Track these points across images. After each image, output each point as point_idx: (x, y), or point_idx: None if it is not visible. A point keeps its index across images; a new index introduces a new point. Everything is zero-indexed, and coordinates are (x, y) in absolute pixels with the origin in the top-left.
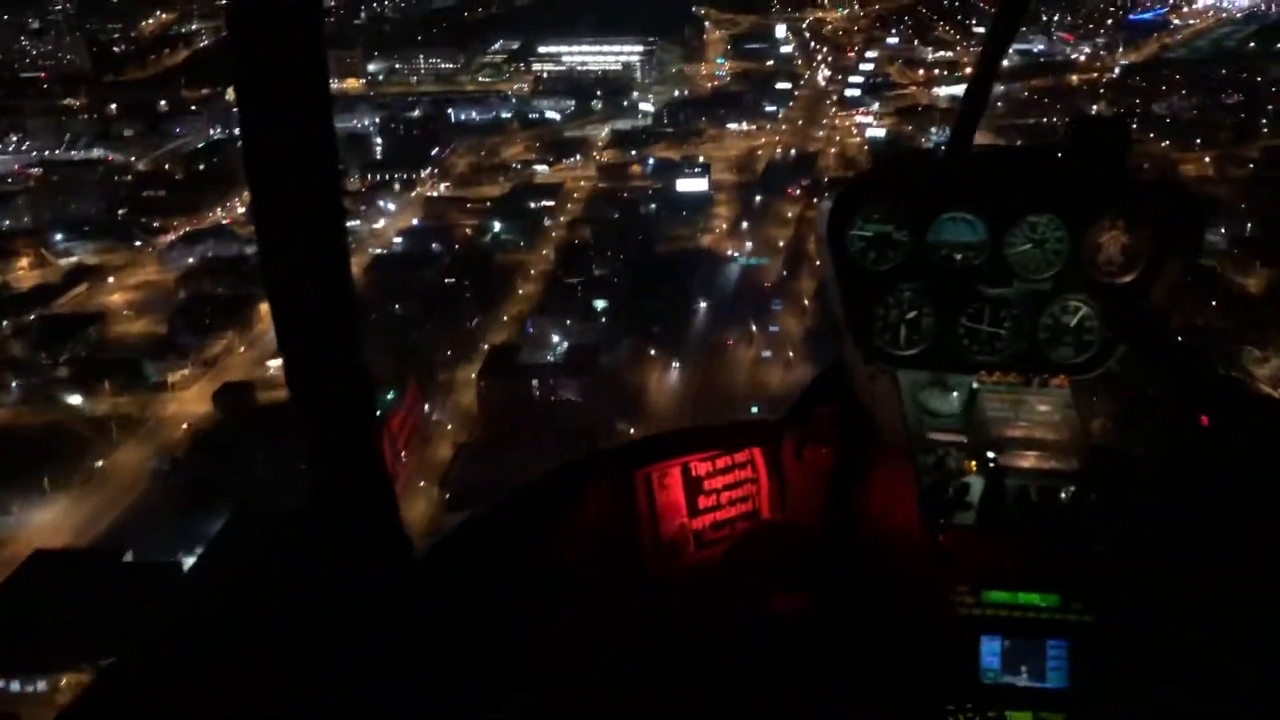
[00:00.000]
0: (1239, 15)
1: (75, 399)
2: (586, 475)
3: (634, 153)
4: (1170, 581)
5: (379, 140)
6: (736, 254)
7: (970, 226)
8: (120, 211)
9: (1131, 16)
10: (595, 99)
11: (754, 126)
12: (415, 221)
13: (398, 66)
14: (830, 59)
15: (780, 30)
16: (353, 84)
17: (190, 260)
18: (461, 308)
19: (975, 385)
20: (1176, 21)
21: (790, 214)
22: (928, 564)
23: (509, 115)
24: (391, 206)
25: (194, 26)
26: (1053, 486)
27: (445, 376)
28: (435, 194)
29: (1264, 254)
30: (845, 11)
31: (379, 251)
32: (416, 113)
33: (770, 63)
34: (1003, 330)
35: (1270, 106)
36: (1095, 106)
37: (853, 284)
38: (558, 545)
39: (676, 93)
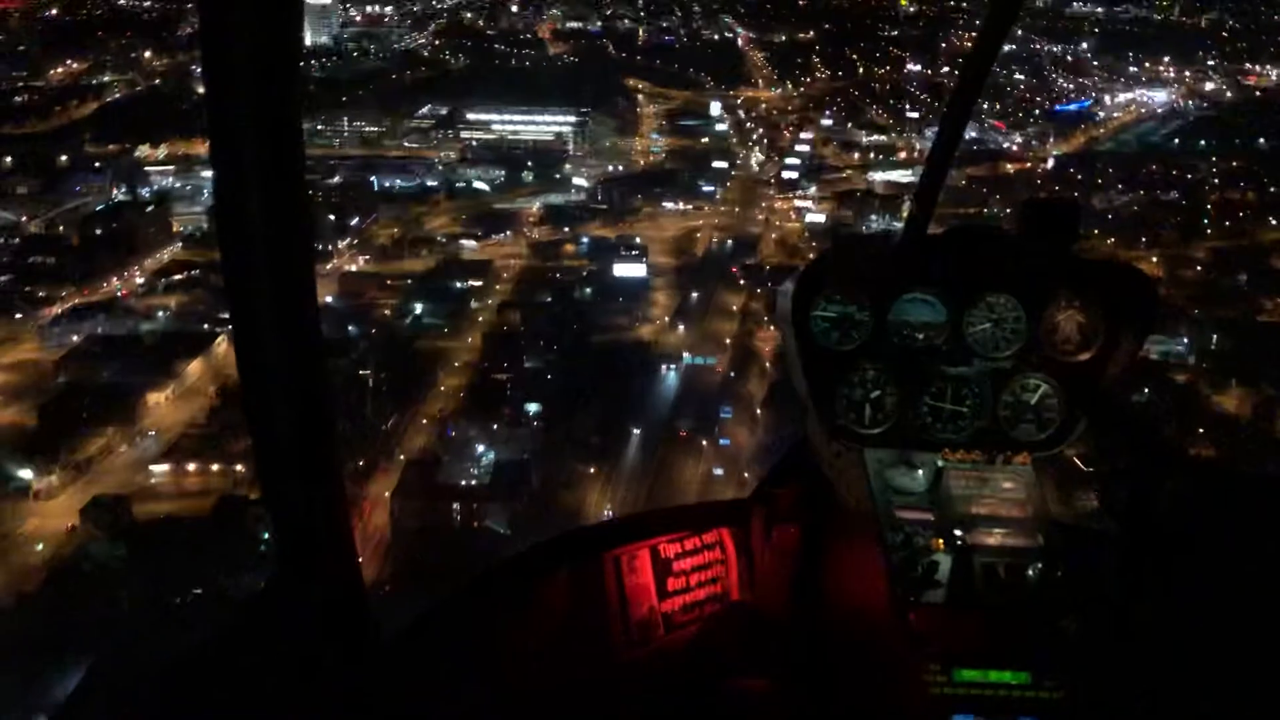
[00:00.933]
0: (1159, 111)
1: None
2: (555, 558)
3: (567, 230)
4: (1140, 657)
5: None
6: (679, 350)
7: (930, 307)
8: (2, 278)
9: (1058, 107)
10: (526, 170)
11: (691, 206)
12: (329, 299)
13: (320, 128)
14: (765, 139)
15: (715, 108)
16: None
17: (75, 338)
18: (377, 406)
19: (940, 463)
20: (1101, 114)
21: (735, 306)
22: (898, 643)
23: (436, 184)
24: None
25: (106, 78)
26: (1020, 564)
27: (355, 490)
28: (354, 268)
29: (1239, 370)
30: (779, 91)
31: None
32: (337, 179)
33: (705, 140)
34: (965, 409)
35: (1209, 206)
36: (1039, 195)
37: (817, 363)
38: (526, 629)
39: (610, 167)
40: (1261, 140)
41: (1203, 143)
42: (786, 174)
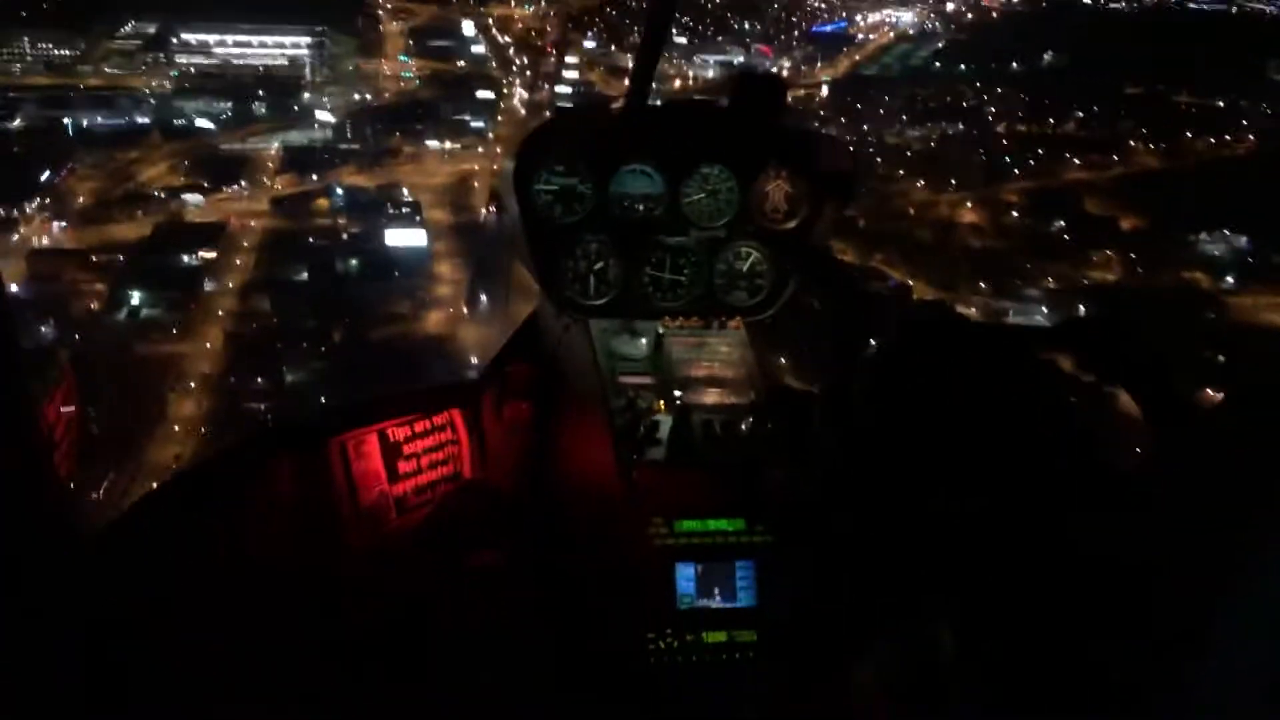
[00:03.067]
0: (911, 32)
1: None
2: (273, 447)
3: (315, 178)
4: (847, 501)
5: None
6: (484, 352)
7: (649, 178)
8: None
9: (815, 28)
10: (258, 101)
11: (459, 145)
12: (14, 288)
13: None
14: (529, 63)
15: (468, 27)
16: None
17: None
18: (80, 455)
19: (661, 330)
20: (859, 36)
21: None
22: (624, 501)
23: (147, 121)
24: None
25: None
26: (734, 420)
27: None
28: (45, 240)
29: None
30: (532, 9)
31: None
32: (18, 120)
33: (462, 64)
34: (683, 277)
35: (1004, 141)
36: (830, 129)
37: (541, 237)
38: (245, 519)
39: (357, 96)
40: (1014, 64)
41: (962, 67)
42: (562, 105)
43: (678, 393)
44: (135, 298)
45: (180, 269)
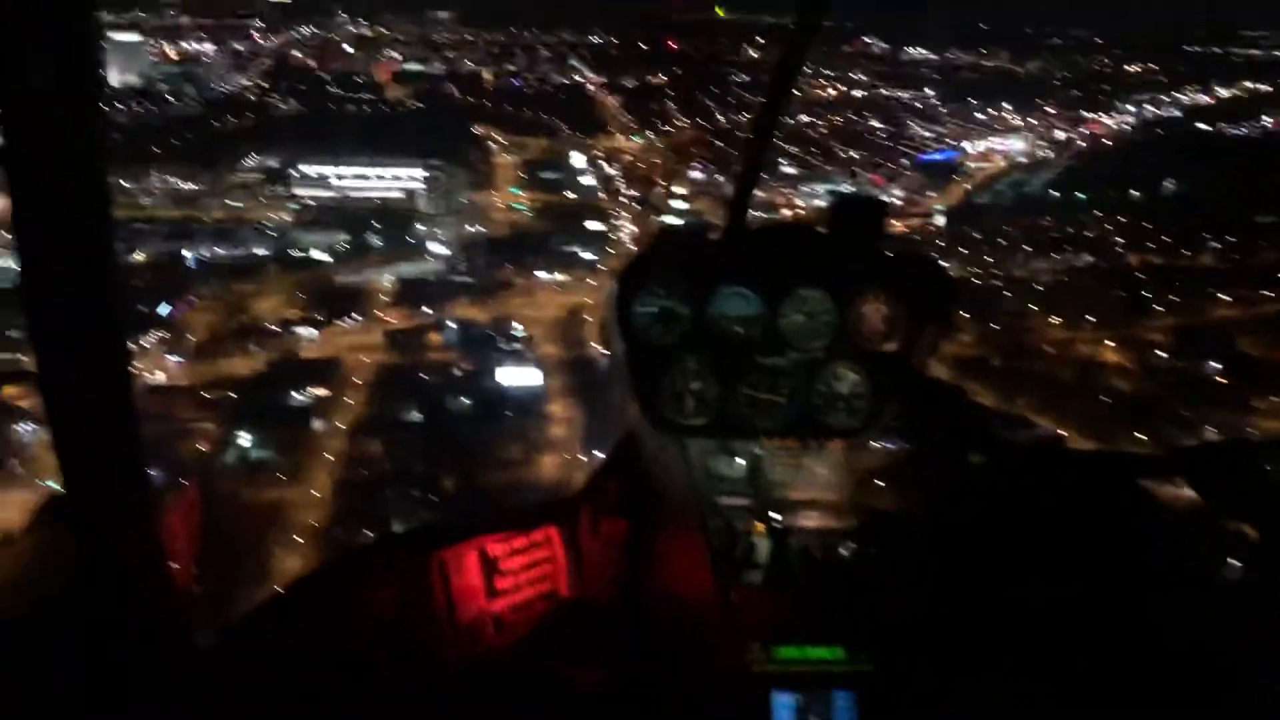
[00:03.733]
0: (1022, 160)
1: None
2: (377, 563)
3: (428, 310)
4: (950, 630)
5: None
6: None
7: (747, 300)
8: None
9: (922, 156)
10: (373, 233)
11: (570, 277)
12: None
13: (125, 185)
14: (638, 194)
15: (577, 158)
16: None
17: None
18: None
19: (759, 451)
20: (971, 165)
21: None
22: (720, 625)
23: (266, 252)
24: None
25: None
26: (834, 544)
27: None
28: (161, 376)
29: None
30: (640, 140)
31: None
32: (141, 254)
33: (572, 195)
34: (780, 398)
35: (1141, 275)
36: (951, 261)
37: (640, 357)
38: (347, 636)
39: (469, 228)
40: (1133, 192)
41: (1080, 195)
42: (664, 227)
43: (776, 515)
44: (246, 440)
45: (292, 408)
